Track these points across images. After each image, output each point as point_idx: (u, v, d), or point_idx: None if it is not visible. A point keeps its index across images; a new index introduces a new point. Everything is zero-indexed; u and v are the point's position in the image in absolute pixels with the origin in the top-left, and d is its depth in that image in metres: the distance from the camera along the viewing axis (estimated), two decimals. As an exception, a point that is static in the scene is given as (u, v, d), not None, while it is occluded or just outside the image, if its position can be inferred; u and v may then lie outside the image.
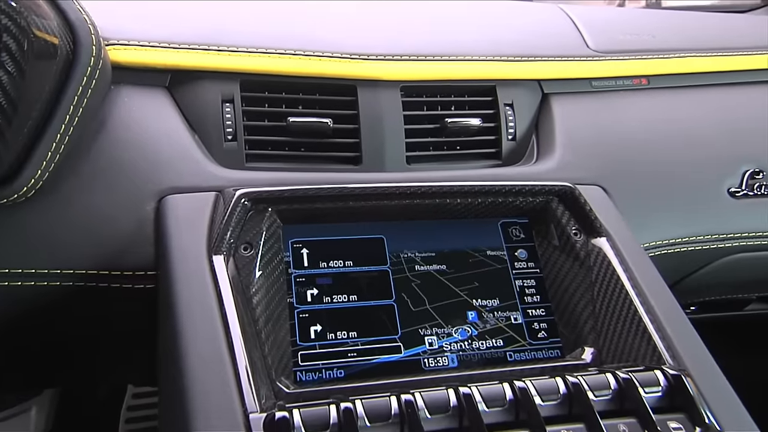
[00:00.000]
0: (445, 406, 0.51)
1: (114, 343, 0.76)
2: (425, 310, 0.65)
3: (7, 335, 0.69)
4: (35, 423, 1.16)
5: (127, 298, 0.65)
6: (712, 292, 0.87)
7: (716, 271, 0.82)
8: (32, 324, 0.67)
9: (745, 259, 0.82)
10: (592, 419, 0.51)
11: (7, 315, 0.65)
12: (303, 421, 0.48)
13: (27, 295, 0.63)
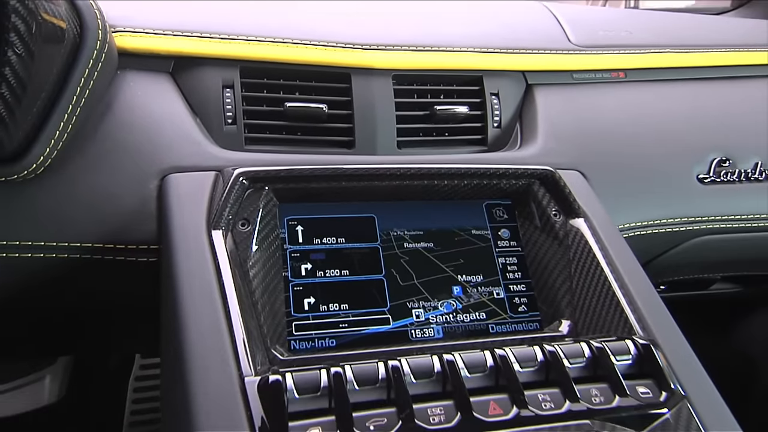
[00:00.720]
0: (430, 372, 0.50)
1: (120, 318, 0.75)
2: (413, 284, 0.64)
3: (19, 306, 0.68)
4: (49, 391, 1.15)
5: (132, 272, 0.64)
6: (681, 271, 0.86)
7: (685, 251, 0.81)
8: (42, 295, 0.66)
9: (712, 241, 0.81)
10: (567, 384, 0.51)
11: (19, 286, 0.64)
12: (295, 384, 0.47)
13: (37, 266, 0.62)
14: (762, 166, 0.84)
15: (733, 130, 0.87)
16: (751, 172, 0.84)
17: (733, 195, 0.82)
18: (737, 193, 0.83)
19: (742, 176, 0.83)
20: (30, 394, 1.14)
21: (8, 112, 0.54)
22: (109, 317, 0.73)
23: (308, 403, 0.47)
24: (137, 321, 0.74)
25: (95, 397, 1.20)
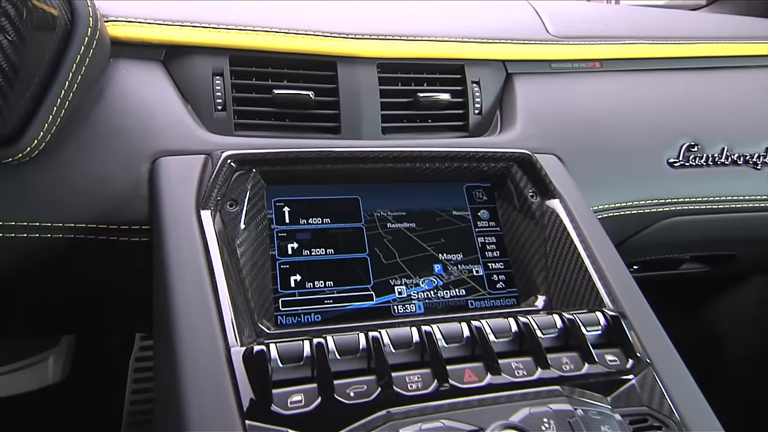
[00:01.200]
0: (408, 342, 0.50)
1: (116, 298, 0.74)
2: (395, 263, 0.64)
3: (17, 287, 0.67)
4: (53, 370, 1.14)
5: (125, 253, 0.63)
6: (653, 251, 0.86)
7: (656, 232, 0.81)
8: (39, 276, 0.66)
9: (681, 222, 0.81)
10: (539, 353, 0.51)
11: (16, 267, 0.63)
12: (279, 353, 0.47)
13: (33, 247, 0.61)
14: (728, 151, 0.84)
15: (702, 118, 0.87)
16: (718, 156, 0.84)
17: (701, 178, 0.82)
18: (705, 176, 0.83)
19: (710, 160, 0.83)
20: (34, 374, 1.14)
21: (1, 96, 0.54)
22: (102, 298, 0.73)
23: (291, 372, 0.47)
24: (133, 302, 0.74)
25: (97, 377, 1.20)
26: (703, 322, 1.37)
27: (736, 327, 1.32)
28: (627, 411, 0.49)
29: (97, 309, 0.77)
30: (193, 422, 0.43)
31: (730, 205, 0.83)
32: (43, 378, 1.13)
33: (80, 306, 0.75)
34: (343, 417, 0.44)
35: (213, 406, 0.44)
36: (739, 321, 1.34)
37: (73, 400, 1.19)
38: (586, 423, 0.46)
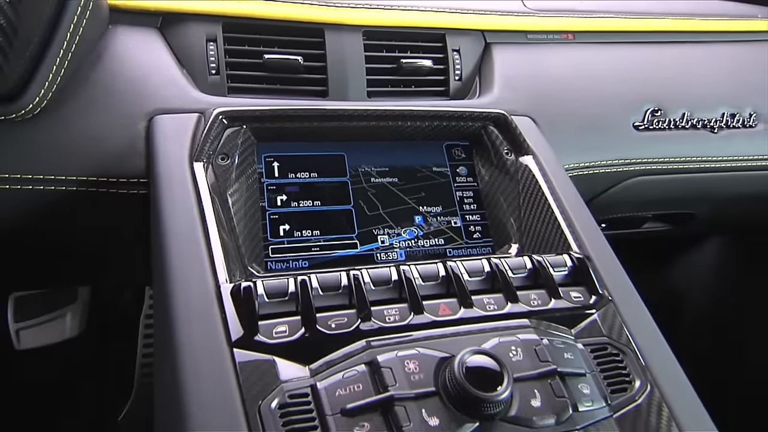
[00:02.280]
0: (388, 280, 0.48)
1: (119, 250, 0.72)
2: (379, 214, 0.62)
3: (24, 238, 0.65)
4: (70, 325, 1.13)
5: (124, 205, 0.61)
6: (619, 209, 0.85)
7: (622, 190, 0.80)
8: (45, 230, 0.63)
9: (645, 181, 0.80)
10: (510, 290, 0.49)
11: (22, 217, 0.61)
12: (265, 289, 0.46)
13: (38, 199, 0.59)
14: (688, 116, 0.82)
15: (665, 86, 0.85)
16: (679, 120, 0.82)
17: (663, 140, 0.80)
18: (667, 138, 0.81)
19: (672, 124, 0.81)
20: (54, 328, 1.12)
21: (1, 54, 0.51)
22: (110, 249, 0.71)
23: (277, 307, 0.45)
24: (134, 253, 0.72)
25: (112, 332, 1.19)
26: (665, 282, 1.37)
27: (693, 287, 1.32)
28: (589, 341, 0.48)
29: (100, 261, 0.75)
30: (184, 351, 0.42)
31: (689, 166, 0.81)
32: (62, 332, 1.12)
33: (84, 258, 0.74)
34: (324, 345, 0.43)
35: (204, 336, 0.43)
36: (695, 282, 1.33)
37: (90, 354, 1.18)
38: (551, 350, 0.44)
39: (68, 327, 1.13)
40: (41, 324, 1.12)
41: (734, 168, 0.84)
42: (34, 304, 1.13)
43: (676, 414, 0.44)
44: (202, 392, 0.40)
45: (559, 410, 0.41)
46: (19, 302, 1.12)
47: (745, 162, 0.84)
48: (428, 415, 0.39)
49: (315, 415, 0.39)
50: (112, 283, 1.08)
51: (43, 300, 1.14)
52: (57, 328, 1.13)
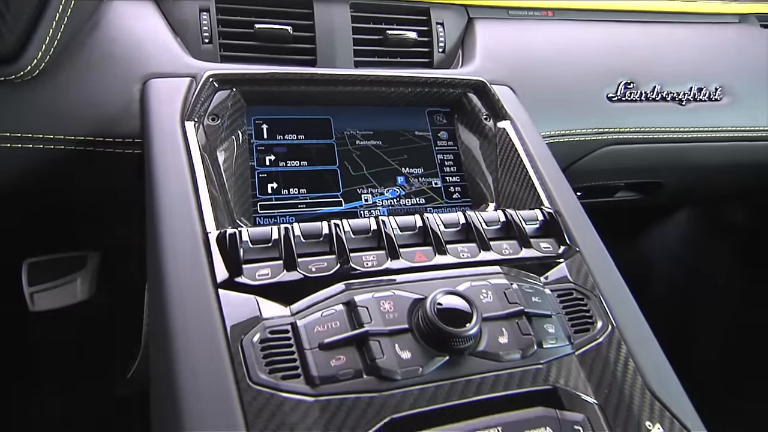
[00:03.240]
0: (366, 230, 0.47)
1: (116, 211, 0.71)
2: (363, 174, 0.61)
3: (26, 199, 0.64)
4: (80, 290, 1.12)
5: (122, 165, 0.60)
6: (593, 177, 0.84)
7: (596, 159, 0.79)
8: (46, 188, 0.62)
9: (616, 150, 0.79)
10: (483, 240, 0.48)
11: (23, 177, 0.60)
12: (250, 236, 0.45)
13: (38, 157, 0.57)
14: (658, 89, 0.81)
15: (638, 61, 0.83)
16: (650, 93, 0.80)
17: (635, 111, 0.79)
18: (638, 110, 0.79)
19: (643, 96, 0.80)
20: (66, 292, 1.12)
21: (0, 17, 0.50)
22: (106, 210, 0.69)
23: (260, 252, 0.44)
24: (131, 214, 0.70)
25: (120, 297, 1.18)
26: (638, 251, 1.37)
27: (663, 257, 1.32)
28: (556, 287, 0.47)
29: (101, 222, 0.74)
30: (172, 292, 0.41)
31: (658, 136, 0.80)
32: (73, 295, 1.11)
33: (85, 219, 0.72)
34: (304, 287, 0.42)
35: (191, 278, 0.42)
36: (665, 252, 1.33)
37: (101, 316, 1.17)
38: (519, 294, 0.44)
39: (78, 291, 1.12)
40: (53, 288, 1.11)
41: (700, 139, 0.83)
42: (46, 269, 1.12)
43: (633, 351, 0.43)
44: (188, 328, 0.39)
45: (524, 346, 0.41)
46: (32, 267, 1.11)
47: (710, 133, 0.83)
48: (401, 349, 0.39)
49: (294, 349, 0.38)
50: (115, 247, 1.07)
51: (55, 266, 1.13)
52: (68, 291, 1.12)
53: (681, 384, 0.43)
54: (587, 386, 0.41)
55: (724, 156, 0.86)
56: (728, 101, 0.85)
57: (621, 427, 0.39)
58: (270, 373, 0.37)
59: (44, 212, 0.69)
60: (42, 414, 1.11)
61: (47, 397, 1.13)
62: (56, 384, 1.14)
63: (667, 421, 0.40)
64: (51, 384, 1.14)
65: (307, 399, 0.36)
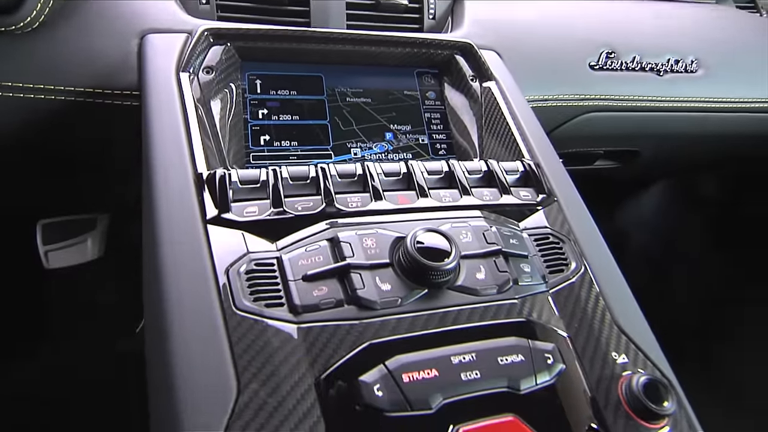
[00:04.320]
0: (352, 174, 0.45)
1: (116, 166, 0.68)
2: (352, 129, 0.59)
3: (27, 151, 0.61)
4: (91, 249, 1.11)
5: (120, 117, 0.58)
6: (574, 144, 0.82)
7: (576, 125, 0.76)
8: (49, 139, 0.60)
9: (596, 117, 0.76)
10: (464, 186, 0.47)
11: (25, 128, 0.57)
12: (239, 177, 0.43)
13: (41, 107, 0.55)
14: (638, 59, 0.78)
15: (620, 33, 0.80)
16: (630, 63, 0.78)
17: (615, 80, 0.76)
18: (618, 78, 0.77)
19: (623, 66, 0.77)
20: (77, 251, 1.10)
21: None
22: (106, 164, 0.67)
23: (249, 193, 0.42)
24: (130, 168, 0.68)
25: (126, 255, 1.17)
26: (615, 223, 1.36)
27: (638, 227, 1.31)
28: (533, 231, 0.45)
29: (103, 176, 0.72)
30: (163, 228, 0.40)
31: (636, 104, 0.78)
32: (84, 254, 1.10)
33: (88, 173, 0.70)
34: (290, 225, 0.41)
35: (181, 215, 0.40)
36: (641, 224, 1.32)
37: (111, 274, 1.16)
38: (498, 236, 0.42)
39: (89, 250, 1.11)
40: (66, 247, 1.10)
41: (676, 108, 0.80)
42: (58, 230, 1.10)
43: (603, 290, 0.42)
44: (177, 261, 0.38)
45: (501, 282, 0.39)
46: (45, 228, 1.09)
47: (685, 103, 0.80)
48: (381, 281, 0.37)
49: (279, 280, 0.37)
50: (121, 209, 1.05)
51: (67, 227, 1.11)
52: (79, 251, 1.10)
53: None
54: (559, 320, 0.39)
55: (697, 126, 0.84)
56: (703, 73, 0.82)
57: (589, 356, 0.38)
58: (254, 301, 0.36)
59: (47, 164, 0.67)
60: (51, 362, 1.11)
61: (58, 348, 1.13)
62: (67, 337, 1.14)
63: (632, 353, 0.39)
64: (62, 337, 1.14)
65: (290, 325, 0.35)
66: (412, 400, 0.32)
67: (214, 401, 0.31)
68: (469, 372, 0.34)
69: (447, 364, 0.34)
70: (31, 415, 1.03)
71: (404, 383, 0.32)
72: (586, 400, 0.36)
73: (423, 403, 0.32)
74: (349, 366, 0.33)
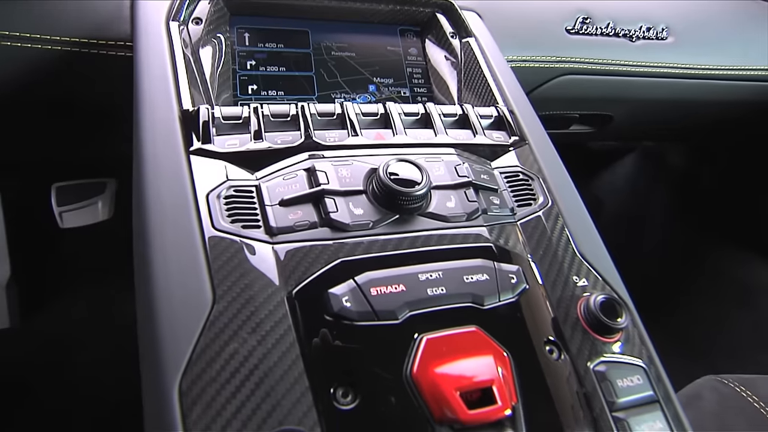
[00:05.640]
0: (331, 113, 0.43)
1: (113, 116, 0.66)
2: (336, 81, 0.56)
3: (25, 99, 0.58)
4: (101, 211, 1.09)
5: (115, 67, 0.55)
6: (551, 106, 0.79)
7: (553, 87, 0.74)
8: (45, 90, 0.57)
9: (572, 80, 0.74)
10: (440, 126, 0.45)
11: (23, 78, 0.54)
12: (222, 113, 0.41)
13: (37, 56, 0.52)
14: (612, 26, 0.75)
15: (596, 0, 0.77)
16: (604, 28, 0.75)
17: (589, 44, 0.73)
18: (593, 43, 0.74)
19: (598, 31, 0.74)
20: (89, 212, 1.09)
21: None
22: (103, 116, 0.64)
23: (231, 128, 0.40)
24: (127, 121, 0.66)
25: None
26: (592, 188, 1.34)
27: (611, 194, 1.29)
28: (504, 169, 0.44)
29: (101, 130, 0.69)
30: (148, 159, 0.38)
31: (609, 68, 0.75)
32: (95, 215, 1.08)
33: (83, 124, 0.67)
34: (269, 156, 0.39)
35: (166, 147, 0.38)
36: (613, 189, 1.30)
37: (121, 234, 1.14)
38: (469, 170, 0.40)
39: (100, 212, 1.09)
40: (78, 209, 1.08)
41: (646, 74, 0.78)
42: (71, 192, 1.09)
43: (568, 222, 0.41)
44: (161, 189, 0.36)
45: (470, 211, 0.38)
46: (59, 190, 1.08)
47: (655, 68, 0.78)
48: (354, 207, 0.35)
49: (256, 204, 0.35)
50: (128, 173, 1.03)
51: (79, 190, 1.09)
52: (91, 212, 1.09)
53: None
54: (525, 247, 0.38)
55: (667, 91, 0.82)
56: (673, 41, 0.79)
57: (551, 279, 0.36)
58: (232, 222, 0.34)
59: (44, 114, 0.64)
60: (70, 315, 1.10)
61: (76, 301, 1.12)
62: (83, 291, 1.13)
63: (592, 278, 0.38)
64: (79, 290, 1.13)
65: (265, 245, 0.33)
66: (379, 312, 0.31)
67: (191, 311, 0.30)
68: (435, 288, 0.32)
69: (414, 280, 0.32)
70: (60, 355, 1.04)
71: (372, 296, 0.31)
72: (546, 316, 0.34)
73: (390, 314, 0.31)
74: (319, 281, 0.32)
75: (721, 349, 1.03)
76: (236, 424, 0.26)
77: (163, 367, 0.28)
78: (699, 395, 0.65)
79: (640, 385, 0.32)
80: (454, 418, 0.27)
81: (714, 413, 0.62)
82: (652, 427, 0.31)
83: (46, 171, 1.11)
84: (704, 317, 1.09)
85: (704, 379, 0.67)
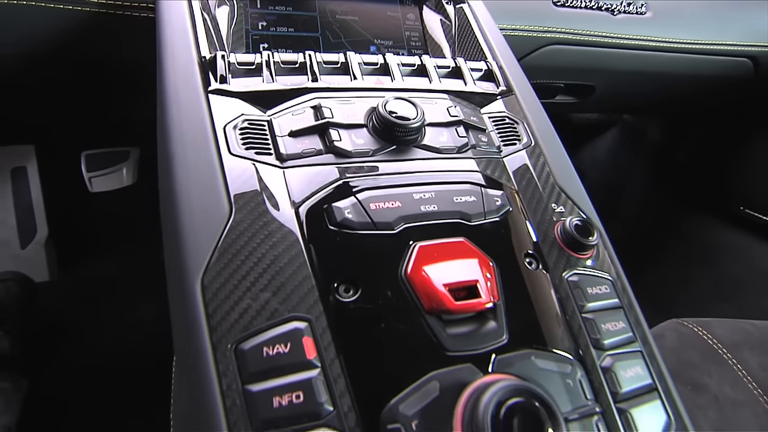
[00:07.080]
0: (336, 62, 0.44)
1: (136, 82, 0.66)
2: (340, 41, 0.56)
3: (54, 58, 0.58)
4: (126, 177, 1.10)
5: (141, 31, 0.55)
6: (537, 75, 0.79)
7: (540, 56, 0.73)
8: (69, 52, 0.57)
9: (557, 50, 0.73)
10: (433, 74, 0.45)
11: (52, 38, 0.54)
12: (237, 59, 0.41)
13: (65, 17, 0.52)
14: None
15: (584, -25, 0.76)
16: (588, 2, 0.74)
17: (574, 16, 0.73)
18: (577, 15, 0.73)
19: (582, 4, 0.73)
20: (115, 178, 1.10)
21: None
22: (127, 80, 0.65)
23: (246, 73, 0.41)
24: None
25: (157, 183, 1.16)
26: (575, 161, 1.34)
27: (594, 163, 1.29)
28: (492, 114, 0.44)
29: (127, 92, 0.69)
30: (170, 98, 0.38)
31: (592, 39, 0.74)
32: (120, 181, 1.09)
33: (111, 84, 0.67)
34: (280, 96, 0.39)
35: (186, 87, 0.39)
36: (596, 160, 1.30)
37: (145, 199, 1.16)
38: (460, 112, 0.41)
39: (125, 177, 1.10)
40: (105, 175, 1.09)
41: (626, 45, 0.77)
42: (99, 160, 1.10)
43: (548, 159, 0.41)
44: (182, 123, 0.36)
45: (460, 145, 0.39)
46: (88, 158, 1.08)
47: (634, 41, 0.77)
48: (356, 137, 0.36)
49: (268, 135, 0.36)
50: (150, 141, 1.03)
51: (105, 157, 1.10)
52: (117, 178, 1.10)
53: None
54: (510, 178, 0.39)
55: (645, 64, 0.81)
56: (651, 15, 0.78)
57: (533, 206, 0.38)
58: (246, 149, 0.35)
59: (75, 73, 0.64)
60: (98, 273, 1.12)
61: (105, 259, 1.14)
62: (113, 249, 1.15)
63: (569, 206, 0.39)
64: (109, 249, 1.15)
65: (276, 168, 0.34)
66: (378, 223, 0.32)
67: (211, 219, 0.31)
68: (428, 205, 0.34)
69: (409, 198, 0.33)
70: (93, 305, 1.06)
71: (371, 209, 0.32)
72: (527, 235, 0.36)
73: (387, 225, 0.32)
74: (324, 197, 0.33)
75: (684, 302, 1.05)
76: (251, 312, 0.28)
77: (188, 265, 0.29)
78: (662, 335, 0.67)
79: (607, 293, 0.34)
80: (443, 308, 0.29)
81: (673, 348, 0.64)
82: (615, 326, 0.32)
83: (75, 138, 1.11)
84: (671, 277, 1.11)
85: (667, 322, 0.69)
